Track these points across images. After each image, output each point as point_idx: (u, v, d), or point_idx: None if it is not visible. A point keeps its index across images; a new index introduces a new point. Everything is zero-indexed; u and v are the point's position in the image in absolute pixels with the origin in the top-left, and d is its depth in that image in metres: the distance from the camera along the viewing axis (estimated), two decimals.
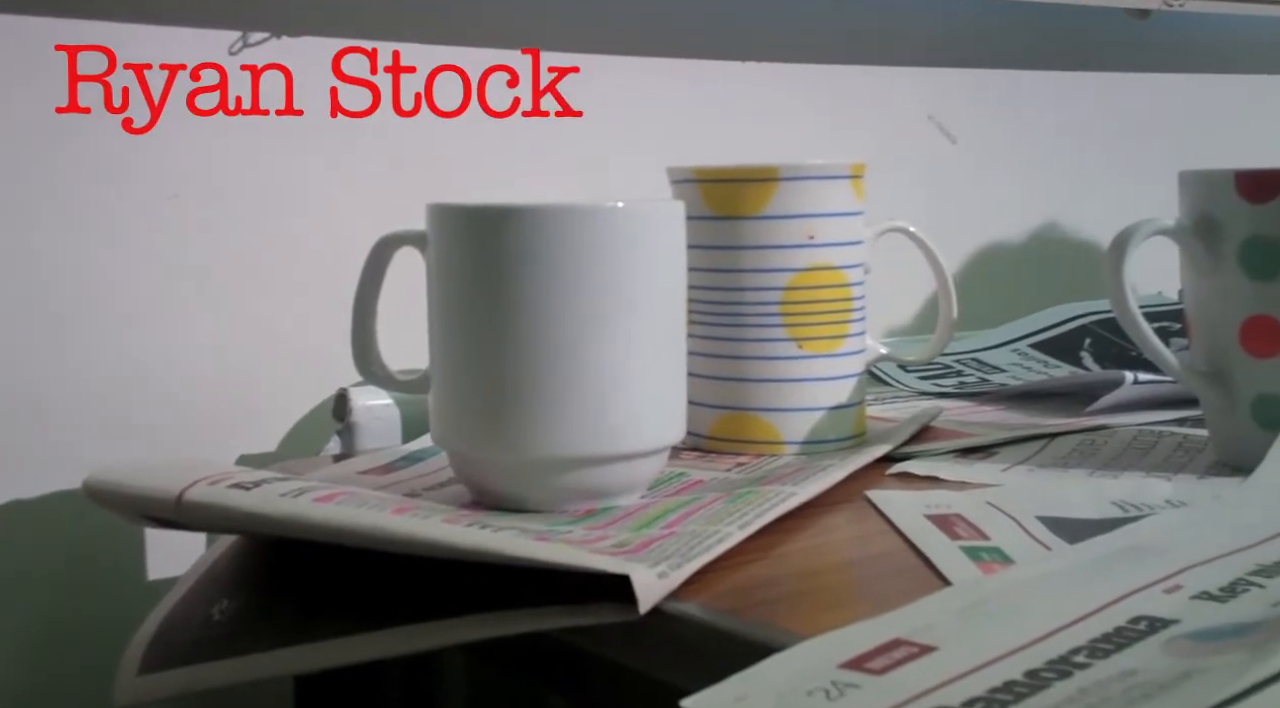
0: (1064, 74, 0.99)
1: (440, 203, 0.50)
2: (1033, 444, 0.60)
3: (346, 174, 0.72)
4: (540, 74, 0.77)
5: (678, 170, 0.61)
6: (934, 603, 0.37)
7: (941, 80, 0.93)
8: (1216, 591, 0.38)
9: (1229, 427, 0.55)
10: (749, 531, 0.44)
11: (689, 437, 0.57)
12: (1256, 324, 0.53)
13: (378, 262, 0.52)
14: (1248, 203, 0.53)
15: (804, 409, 0.59)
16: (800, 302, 0.58)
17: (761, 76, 0.85)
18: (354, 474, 0.55)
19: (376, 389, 0.63)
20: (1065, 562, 0.41)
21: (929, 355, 0.64)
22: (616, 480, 0.49)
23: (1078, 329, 0.83)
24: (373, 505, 0.44)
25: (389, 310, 0.52)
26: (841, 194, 0.59)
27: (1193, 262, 0.55)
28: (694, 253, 0.56)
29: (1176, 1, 0.98)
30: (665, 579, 0.39)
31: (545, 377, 0.48)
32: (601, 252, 0.48)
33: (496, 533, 0.41)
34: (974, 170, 0.95)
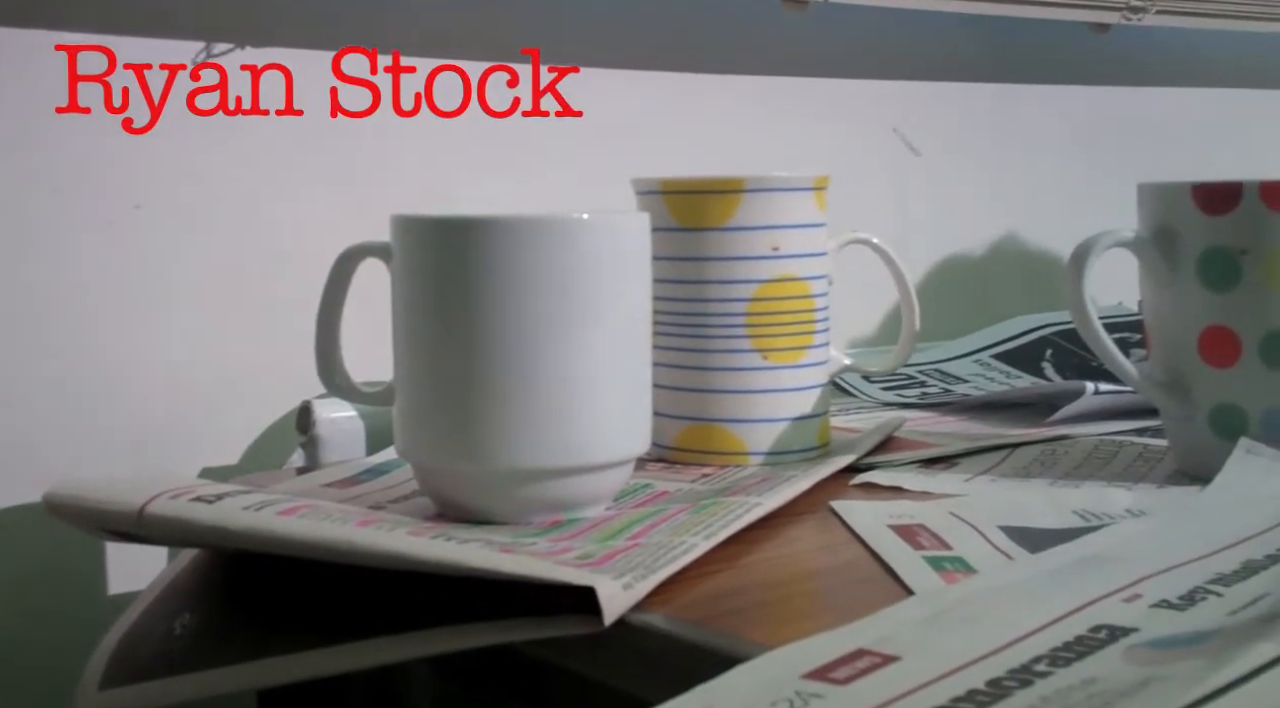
0: (1026, 87, 1.00)
1: (404, 214, 0.50)
2: (995, 454, 0.61)
3: (310, 185, 0.71)
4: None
5: (643, 181, 0.61)
6: (897, 613, 0.37)
7: (905, 93, 0.94)
8: (1175, 599, 0.38)
9: (1188, 436, 0.56)
10: (714, 541, 0.45)
11: (654, 448, 0.57)
12: (1214, 335, 0.54)
13: (342, 273, 0.51)
14: (1205, 215, 0.54)
15: (768, 420, 0.59)
16: (765, 313, 0.59)
17: (725, 88, 0.86)
18: (318, 487, 0.55)
19: (340, 402, 0.62)
20: (1027, 571, 0.42)
21: (892, 366, 0.65)
22: (582, 492, 0.49)
23: (1039, 340, 0.84)
24: (336, 519, 0.44)
25: (353, 322, 0.52)
26: (805, 206, 0.60)
27: (1151, 273, 0.56)
28: (659, 264, 0.56)
29: (1135, 16, 0.99)
30: (630, 591, 0.39)
31: (510, 388, 0.48)
32: (567, 263, 0.48)
33: (461, 545, 0.41)
34: (937, 182, 0.95)
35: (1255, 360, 0.53)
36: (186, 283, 0.68)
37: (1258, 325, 0.53)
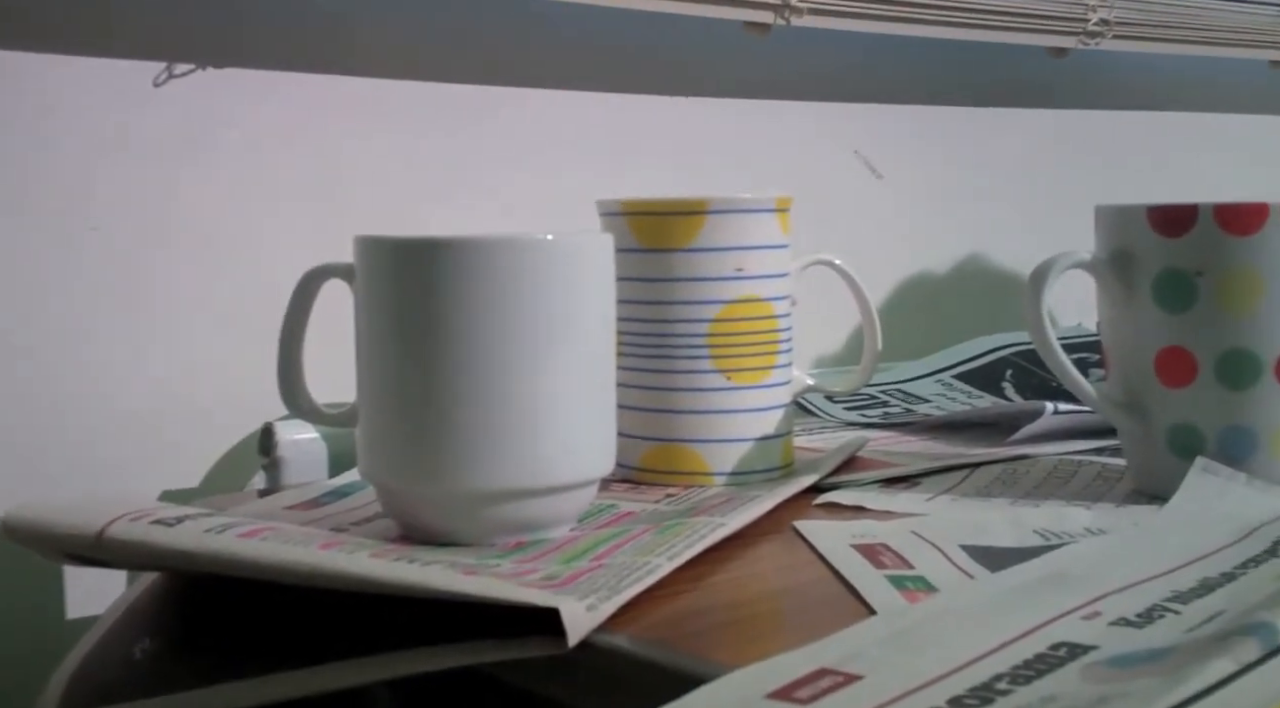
0: (985, 110, 1.01)
1: (368, 235, 0.50)
2: (956, 474, 0.61)
3: (272, 206, 0.71)
4: (471, 105, 0.78)
5: (607, 203, 0.61)
6: (860, 632, 0.38)
7: (867, 116, 0.95)
8: (1133, 617, 0.39)
9: (1145, 455, 0.56)
10: (678, 562, 0.45)
11: (618, 468, 0.57)
12: (1170, 355, 0.54)
13: (305, 294, 0.51)
14: (1161, 237, 0.54)
15: (732, 440, 0.59)
16: (728, 333, 0.59)
17: (690, 111, 0.86)
18: (280, 510, 0.55)
19: (303, 423, 0.62)
20: (988, 590, 0.42)
21: (855, 386, 0.65)
22: (546, 513, 0.49)
23: (999, 360, 0.84)
24: (298, 541, 0.43)
25: (316, 343, 0.52)
26: (768, 227, 0.60)
27: (1109, 294, 0.57)
28: (623, 285, 0.57)
29: (1093, 41, 1.01)
30: (594, 612, 0.39)
31: (473, 409, 0.48)
32: (530, 284, 0.48)
33: (424, 567, 0.41)
34: (898, 204, 0.96)
35: (1211, 380, 0.54)
36: (146, 304, 0.68)
37: (1213, 346, 0.53)
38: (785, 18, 0.85)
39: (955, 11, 0.93)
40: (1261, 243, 0.53)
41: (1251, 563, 0.44)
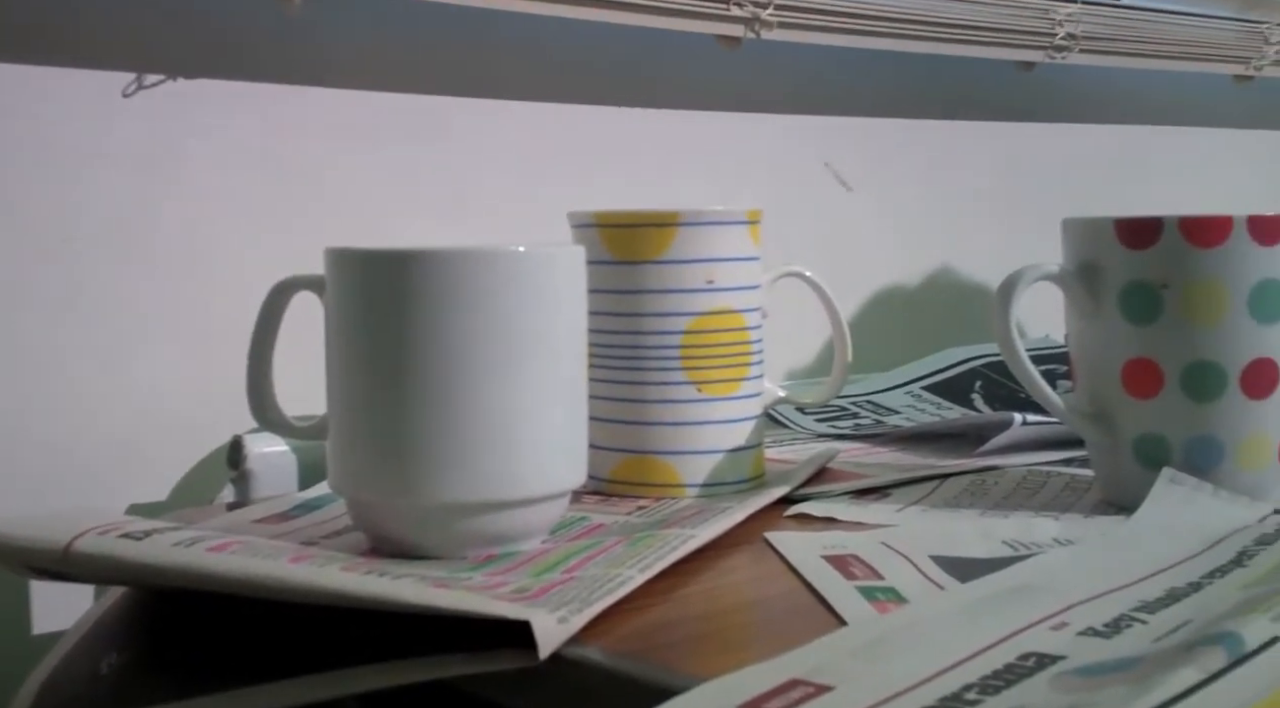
0: (955, 123, 1.02)
1: (338, 247, 0.50)
2: (926, 485, 0.61)
3: (242, 217, 0.71)
4: (439, 117, 0.78)
5: (578, 215, 0.61)
6: (830, 643, 0.38)
7: (837, 129, 0.95)
8: (1101, 627, 0.39)
9: (1113, 466, 0.57)
10: (649, 574, 0.45)
11: (590, 480, 0.57)
12: (1137, 366, 0.55)
13: (274, 306, 0.51)
14: (1127, 249, 0.55)
15: (703, 452, 0.59)
16: (700, 345, 0.59)
17: (661, 123, 0.87)
18: (249, 523, 0.55)
19: (272, 436, 0.62)
20: (957, 600, 0.42)
21: (825, 398, 0.65)
22: (517, 525, 0.49)
23: (968, 372, 0.85)
24: (267, 555, 0.43)
25: (286, 355, 0.52)
26: (740, 239, 0.60)
27: (1076, 306, 0.57)
28: (594, 297, 0.57)
29: (1059, 55, 1.02)
30: (565, 624, 0.39)
31: (444, 421, 0.47)
32: (502, 296, 0.48)
33: (395, 581, 0.41)
34: (868, 217, 0.97)
35: (1177, 391, 0.54)
36: (115, 315, 0.67)
37: (1179, 357, 0.54)
38: (756, 31, 0.85)
39: (924, 26, 0.93)
40: (1226, 255, 0.53)
41: (1218, 573, 0.44)
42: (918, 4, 0.93)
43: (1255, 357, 0.54)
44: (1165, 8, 1.11)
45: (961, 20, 0.95)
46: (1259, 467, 0.55)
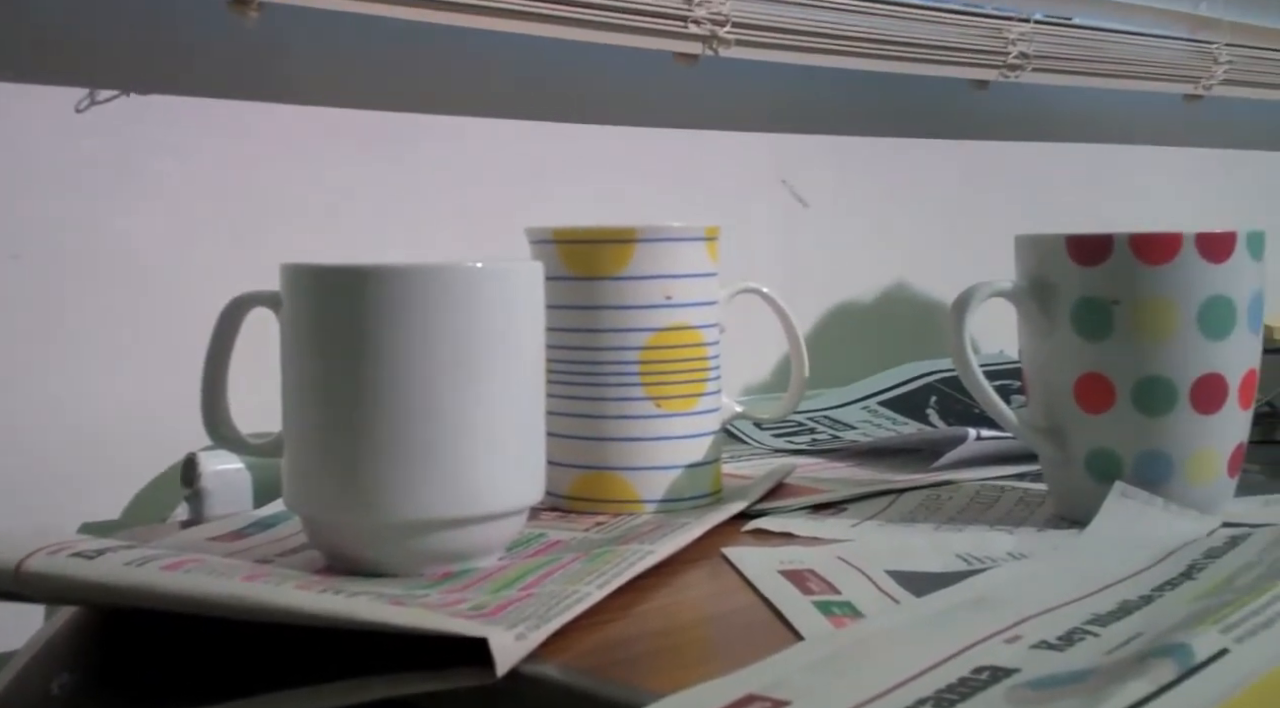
0: (909, 141, 1.03)
1: (295, 263, 0.50)
2: (882, 500, 0.62)
3: (197, 232, 0.70)
4: (394, 133, 0.77)
5: (536, 231, 0.61)
6: (787, 658, 0.38)
7: (794, 145, 0.96)
8: (1054, 639, 0.39)
9: (1066, 480, 0.57)
10: (607, 590, 0.45)
11: (548, 497, 0.57)
12: (1089, 382, 0.55)
13: (229, 322, 0.51)
14: (1079, 266, 0.55)
15: (662, 468, 0.59)
16: (658, 361, 0.59)
17: (620, 140, 0.87)
18: (203, 541, 0.54)
19: (227, 453, 0.61)
20: (912, 614, 0.42)
21: (782, 413, 0.66)
22: (474, 542, 0.49)
23: (924, 387, 0.86)
24: (222, 573, 0.43)
25: (241, 372, 0.51)
26: (697, 255, 0.60)
27: (1029, 322, 0.58)
28: (553, 313, 0.57)
29: (1013, 74, 1.03)
30: (523, 641, 0.39)
31: (401, 438, 0.47)
32: (459, 312, 0.48)
33: (350, 599, 0.41)
34: (824, 233, 0.97)
35: (1128, 407, 0.55)
36: (68, 332, 0.67)
37: (1130, 373, 0.55)
38: (714, 49, 0.85)
39: (880, 44, 0.94)
40: (1175, 272, 0.54)
41: (1168, 586, 0.45)
42: (874, 23, 0.94)
43: (1204, 372, 0.54)
44: (1117, 28, 1.13)
45: (917, 39, 0.96)
46: (1208, 481, 0.55)
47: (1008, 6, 1.04)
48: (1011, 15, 1.03)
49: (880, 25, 0.94)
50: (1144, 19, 1.17)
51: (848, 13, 0.93)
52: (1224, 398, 0.55)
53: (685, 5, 0.84)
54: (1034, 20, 1.04)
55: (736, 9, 0.86)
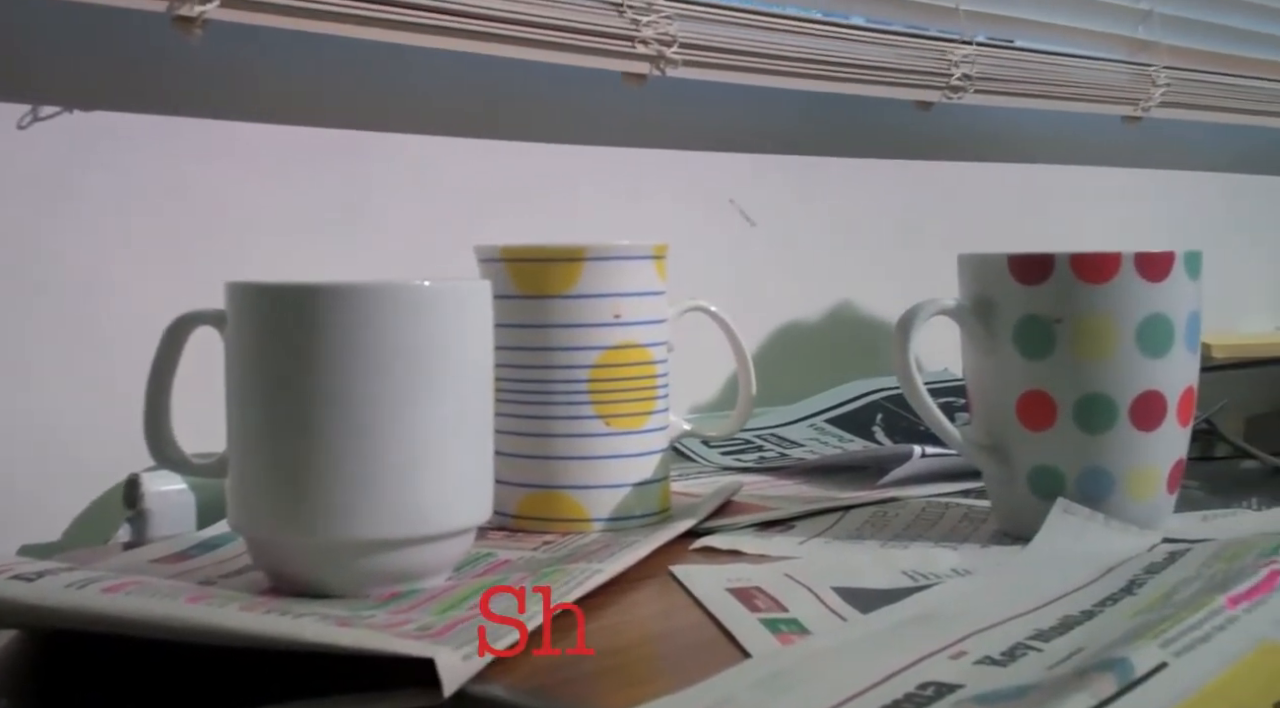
0: (855, 161, 1.04)
1: (239, 281, 0.49)
2: (829, 517, 0.62)
3: (141, 251, 0.70)
4: (343, 152, 0.77)
5: (485, 249, 0.61)
6: (734, 676, 0.38)
7: (741, 165, 0.97)
8: (998, 655, 0.40)
9: (1009, 497, 0.58)
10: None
11: (496, 516, 0.57)
12: (1031, 399, 0.56)
13: (173, 341, 0.50)
14: (1020, 285, 0.56)
15: (610, 486, 0.59)
16: (607, 379, 0.59)
17: (568, 158, 0.87)
18: (145, 563, 0.53)
19: (170, 474, 0.61)
20: (859, 631, 0.43)
21: (730, 431, 0.66)
22: (421, 562, 0.49)
23: (870, 405, 0.86)
24: (165, 594, 0.42)
25: (185, 392, 0.51)
26: (646, 274, 0.61)
27: (972, 340, 0.58)
28: (501, 331, 0.57)
29: (956, 95, 1.04)
30: (470, 661, 0.39)
31: (347, 457, 0.47)
32: (407, 331, 0.48)
33: (296, 619, 0.41)
34: (772, 252, 0.98)
35: (1070, 424, 0.56)
36: (8, 351, 0.66)
37: (1071, 390, 0.55)
38: (661, 69, 0.86)
39: (825, 66, 0.95)
40: (1115, 291, 0.55)
41: (1109, 601, 0.45)
42: (819, 44, 0.95)
43: (1144, 389, 0.55)
44: (1058, 50, 1.14)
45: (861, 61, 0.97)
46: (1148, 497, 0.56)
47: (951, 29, 1.06)
48: (954, 38, 1.05)
49: (825, 47, 0.95)
50: (1084, 42, 1.18)
51: (793, 34, 0.94)
52: (1163, 415, 0.56)
53: (632, 26, 0.84)
54: (976, 43, 1.06)
55: (683, 30, 0.86)
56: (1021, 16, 1.12)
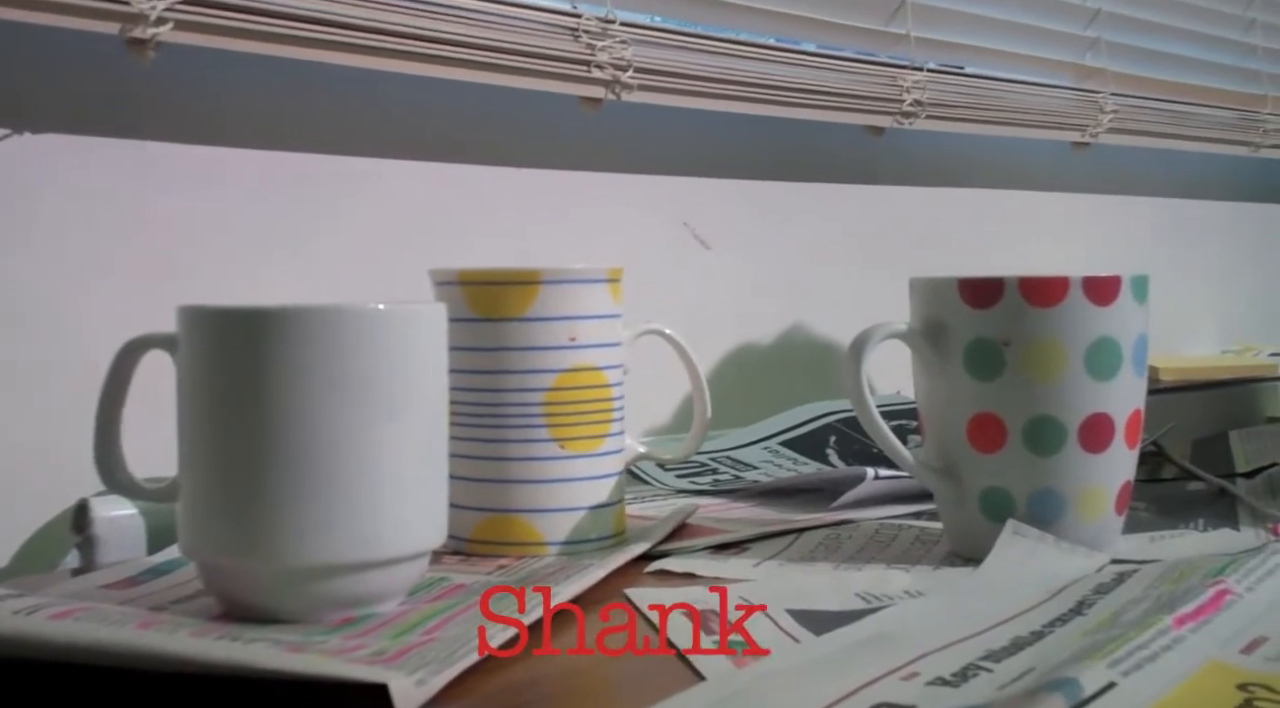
0: (808, 185, 1.05)
1: (192, 304, 0.49)
2: (783, 539, 0.62)
3: (91, 274, 0.69)
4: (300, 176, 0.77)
5: (441, 272, 0.61)
6: (688, 699, 0.38)
7: (696, 189, 0.97)
8: (949, 676, 0.40)
9: (960, 519, 0.58)
10: (510, 633, 0.45)
11: (450, 540, 0.56)
12: (981, 421, 0.57)
13: (124, 365, 0.50)
14: (970, 308, 0.57)
15: (565, 509, 0.59)
16: (562, 402, 0.59)
17: (524, 182, 0.87)
18: (95, 589, 0.53)
19: (119, 499, 0.60)
20: (812, 653, 0.43)
21: (685, 454, 0.66)
22: (374, 587, 0.49)
23: (823, 427, 0.87)
24: (114, 621, 0.42)
25: (136, 416, 0.50)
26: (601, 297, 0.61)
27: (923, 363, 0.59)
28: (456, 355, 0.57)
29: (907, 121, 1.05)
30: (423, 687, 0.39)
31: (299, 482, 0.47)
32: (361, 354, 0.48)
33: (247, 645, 0.40)
34: (726, 275, 0.98)
35: (1019, 446, 0.56)
36: None
37: (1021, 412, 0.56)
38: (617, 93, 0.86)
39: (779, 91, 0.96)
40: (1063, 314, 0.56)
41: (1059, 621, 0.46)
42: (774, 70, 0.96)
43: (1092, 412, 0.56)
44: (1007, 77, 1.16)
45: (815, 86, 0.98)
46: (1097, 518, 0.57)
47: (902, 56, 1.07)
48: (906, 64, 1.06)
49: (779, 72, 0.96)
50: (1033, 69, 1.20)
51: (748, 60, 0.94)
52: (1111, 437, 0.57)
53: (588, 51, 0.84)
54: (927, 69, 1.07)
55: (639, 55, 0.87)
56: (971, 43, 1.13)
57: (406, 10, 0.76)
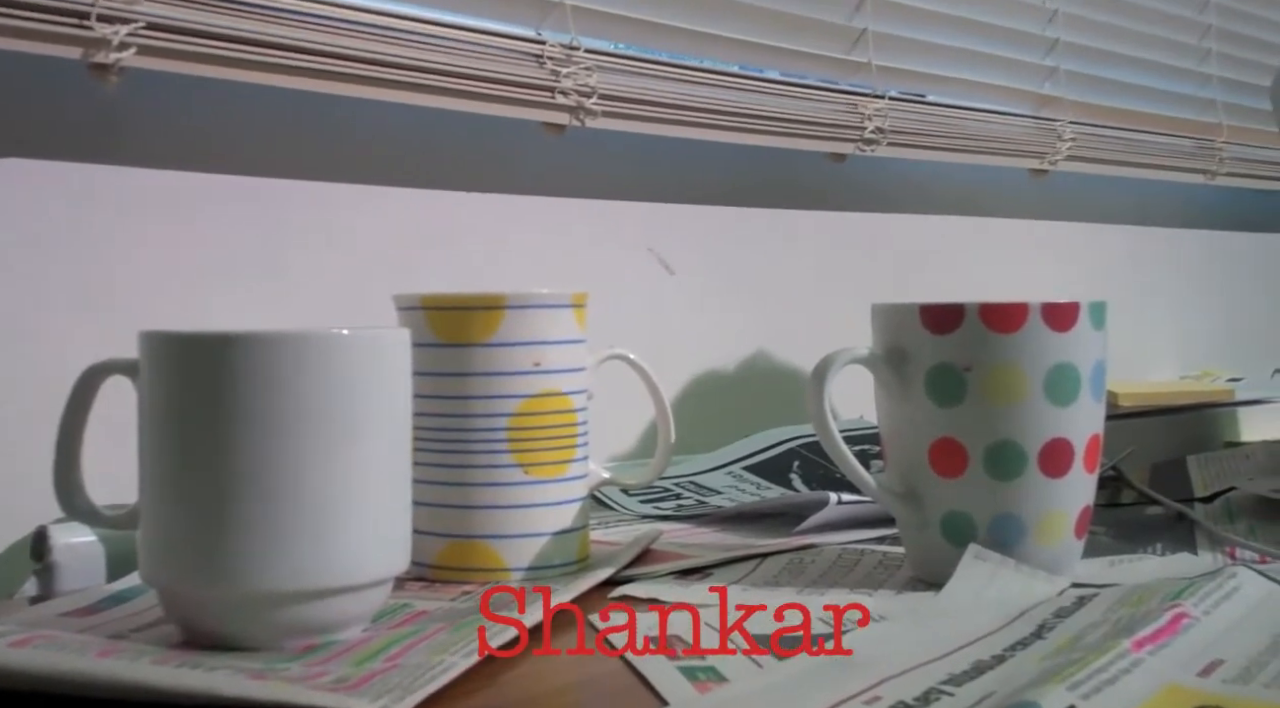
0: (771, 211, 1.06)
1: (153, 330, 0.49)
2: (747, 564, 0.63)
3: (51, 299, 0.69)
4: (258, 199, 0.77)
5: (404, 297, 0.61)
6: None
7: (660, 215, 0.98)
8: (911, 700, 0.40)
9: (922, 543, 0.59)
10: (473, 660, 0.44)
11: (414, 566, 0.56)
12: (943, 446, 0.57)
13: (84, 391, 0.50)
14: (931, 334, 0.58)
15: (529, 535, 0.59)
16: (527, 427, 0.59)
17: (488, 207, 0.87)
18: (54, 617, 0.52)
19: (78, 525, 0.59)
20: (775, 678, 0.43)
21: (649, 479, 0.66)
22: (337, 614, 0.48)
23: (787, 452, 0.87)
24: (74, 649, 0.42)
25: (96, 443, 0.50)
26: (566, 322, 0.61)
27: (885, 388, 0.59)
28: (420, 380, 0.56)
29: (869, 148, 1.06)
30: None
31: (261, 508, 0.47)
32: (323, 380, 0.48)
33: (209, 673, 0.40)
34: (690, 301, 0.99)
35: (981, 471, 0.57)
36: None
37: (982, 438, 0.57)
38: (580, 120, 0.87)
39: (741, 118, 0.97)
40: (1023, 340, 0.57)
41: (1019, 645, 0.46)
42: (736, 97, 0.97)
43: (1051, 437, 0.57)
44: (967, 105, 1.17)
45: (778, 114, 0.99)
46: (1057, 542, 0.57)
47: (864, 84, 1.08)
48: (867, 92, 1.07)
49: (742, 99, 0.97)
50: (993, 97, 1.22)
51: (711, 87, 0.95)
52: (1070, 462, 0.57)
53: (552, 77, 0.85)
54: (889, 97, 1.08)
55: (603, 81, 0.87)
56: (932, 72, 1.15)
57: (371, 36, 0.77)
